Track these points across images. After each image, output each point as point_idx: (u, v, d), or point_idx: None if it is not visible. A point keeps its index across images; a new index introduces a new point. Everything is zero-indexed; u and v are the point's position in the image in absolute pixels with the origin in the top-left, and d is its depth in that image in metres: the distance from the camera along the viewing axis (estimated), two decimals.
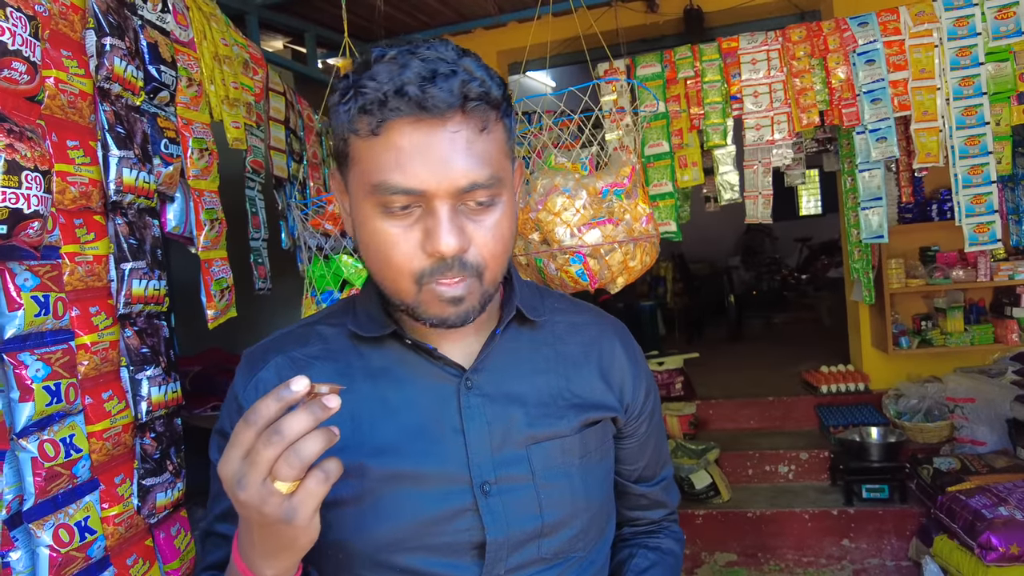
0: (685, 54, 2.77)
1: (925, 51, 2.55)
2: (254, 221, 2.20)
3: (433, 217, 0.66)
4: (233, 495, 0.57)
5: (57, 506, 1.19)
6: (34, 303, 1.16)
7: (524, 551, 0.76)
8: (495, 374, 0.78)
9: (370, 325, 0.78)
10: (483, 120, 0.66)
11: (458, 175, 0.65)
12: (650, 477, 0.94)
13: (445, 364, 0.77)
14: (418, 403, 0.75)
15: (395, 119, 0.64)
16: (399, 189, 0.65)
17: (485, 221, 0.69)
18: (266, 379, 0.77)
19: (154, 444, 1.40)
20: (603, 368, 0.84)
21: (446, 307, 0.69)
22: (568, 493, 0.78)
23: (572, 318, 0.87)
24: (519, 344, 0.81)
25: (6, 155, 0.96)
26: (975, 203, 2.53)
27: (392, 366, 0.77)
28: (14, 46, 0.99)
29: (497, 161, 0.68)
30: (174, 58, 1.63)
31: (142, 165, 1.43)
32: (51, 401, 1.18)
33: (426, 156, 0.64)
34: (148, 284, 1.42)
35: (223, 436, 0.77)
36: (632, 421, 0.87)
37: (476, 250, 0.68)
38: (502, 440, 0.75)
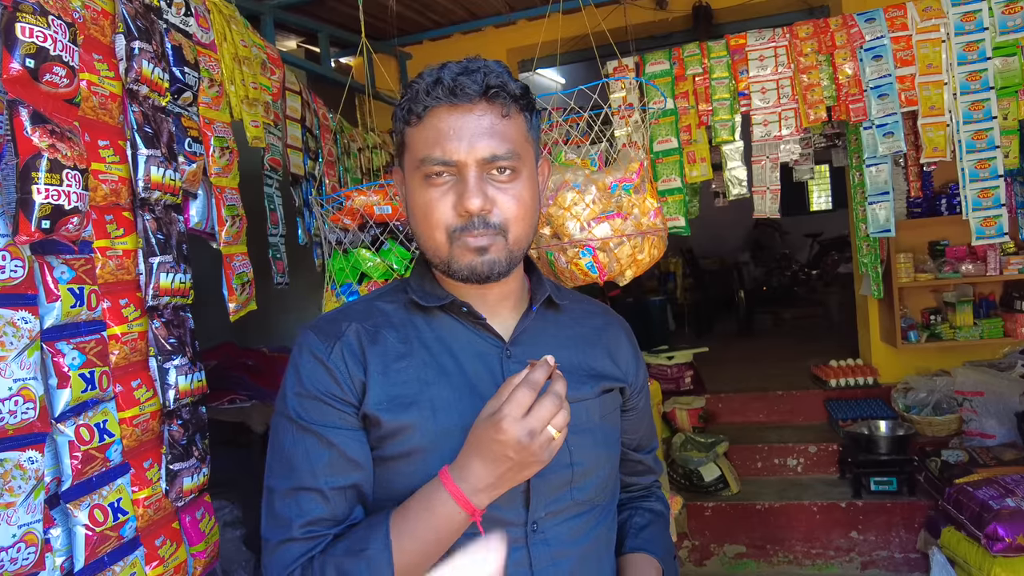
0: (693, 51, 2.80)
1: (932, 46, 2.57)
2: (272, 217, 2.26)
3: (463, 183, 0.84)
4: (516, 445, 0.74)
5: (92, 488, 1.26)
6: (70, 295, 1.22)
7: (560, 496, 0.90)
8: (530, 346, 0.94)
9: (429, 297, 0.93)
10: (504, 108, 0.85)
11: (482, 148, 0.83)
12: (645, 446, 1.13)
13: (489, 335, 0.92)
14: (467, 368, 0.90)
15: (435, 106, 0.84)
16: (438, 160, 0.83)
17: (508, 189, 0.86)
18: (348, 341, 0.89)
19: (181, 431, 1.46)
20: (611, 349, 1.02)
21: (474, 256, 0.85)
22: (591, 446, 0.93)
23: (585, 307, 1.06)
24: (547, 324, 0.98)
25: (49, 155, 1.02)
26: (982, 197, 2.55)
27: (444, 337, 0.92)
28: (55, 52, 1.05)
29: (517, 142, 0.86)
30: (197, 60, 1.69)
31: (168, 163, 1.49)
32: (86, 388, 1.24)
33: (459, 134, 0.83)
34: (175, 277, 1.48)
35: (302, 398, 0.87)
36: (634, 395, 1.05)
37: (499, 211, 0.85)
38: None
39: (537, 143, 0.94)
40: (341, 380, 0.87)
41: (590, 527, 0.93)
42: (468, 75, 0.83)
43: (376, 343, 0.90)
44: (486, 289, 0.92)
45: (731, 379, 4.61)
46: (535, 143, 0.93)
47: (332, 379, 0.87)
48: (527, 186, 0.88)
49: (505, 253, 0.87)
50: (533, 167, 0.91)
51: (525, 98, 0.88)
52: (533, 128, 0.92)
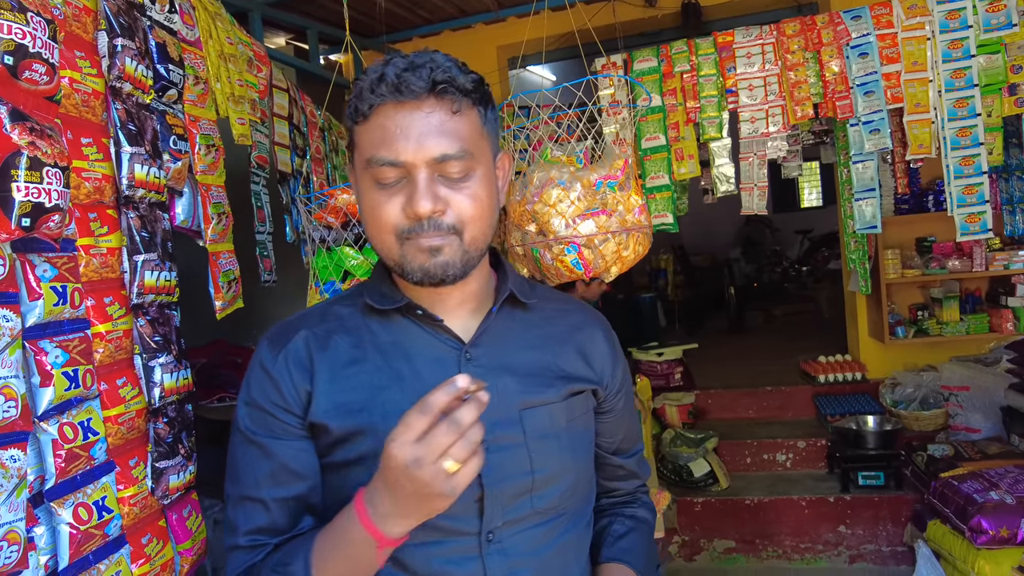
0: (681, 48, 2.81)
1: (917, 44, 2.59)
2: (259, 215, 2.26)
3: (412, 184, 0.79)
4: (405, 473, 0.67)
5: (76, 486, 1.25)
6: (53, 293, 1.21)
7: (518, 504, 0.85)
8: (491, 348, 0.89)
9: (384, 300, 0.89)
10: (454, 103, 0.80)
11: (431, 147, 0.78)
12: (626, 449, 1.06)
13: (448, 337, 0.88)
14: (423, 372, 0.86)
15: (380, 104, 0.79)
16: (385, 161, 0.79)
17: (462, 188, 0.81)
18: (294, 349, 0.87)
19: (167, 428, 1.46)
20: (584, 349, 0.96)
21: (426, 257, 0.81)
22: (556, 452, 0.89)
23: (558, 305, 1.00)
24: (512, 323, 0.93)
25: (29, 152, 1.01)
26: (967, 193, 2.58)
27: (400, 340, 0.88)
28: (34, 48, 1.04)
29: (469, 139, 0.81)
30: (181, 57, 1.68)
31: (152, 161, 1.48)
32: (69, 386, 1.24)
33: (406, 133, 0.78)
34: (160, 275, 1.48)
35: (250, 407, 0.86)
36: (611, 397, 0.99)
37: (452, 212, 0.81)
38: (497, 405, 0.82)
39: (495, 137, 0.90)
40: (285, 390, 0.85)
41: (555, 536, 0.89)
42: (413, 71, 0.79)
43: (326, 349, 0.87)
44: (444, 291, 0.89)
45: (721, 375, 4.63)
46: (492, 137, 0.88)
47: (275, 389, 0.85)
48: (483, 184, 0.83)
49: (460, 254, 0.82)
50: (490, 163, 0.87)
51: (478, 91, 0.83)
52: (488, 122, 0.87)
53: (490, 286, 0.95)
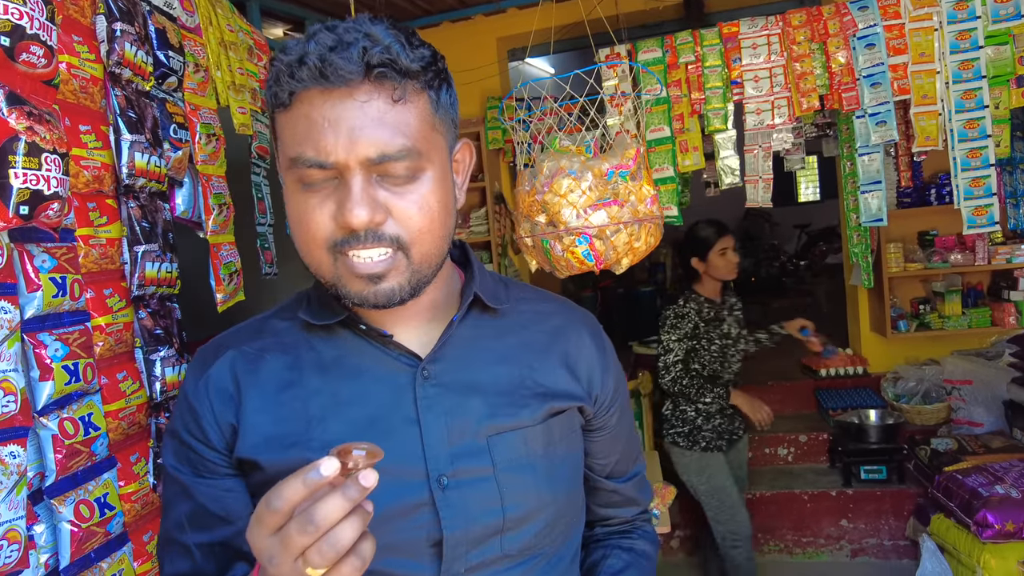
0: (686, 39, 2.78)
1: (925, 35, 2.56)
2: (260, 206, 2.22)
3: (344, 189, 0.64)
4: (264, 569, 0.55)
5: (77, 483, 1.22)
6: (52, 284, 1.18)
7: (485, 547, 0.73)
8: (454, 363, 0.75)
9: (322, 312, 0.75)
10: (396, 90, 0.64)
11: (366, 145, 0.63)
12: (622, 472, 0.91)
13: (400, 353, 0.74)
14: (370, 395, 0.73)
15: (303, 90, 0.64)
16: (312, 162, 0.64)
17: (407, 194, 0.66)
18: (217, 376, 0.75)
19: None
20: (569, 357, 0.82)
21: (364, 284, 0.67)
22: (532, 485, 0.75)
23: (537, 307, 0.85)
24: (480, 332, 0.79)
25: (26, 137, 0.98)
26: (973, 186, 2.56)
27: (344, 357, 0.75)
28: (32, 30, 1.01)
29: (416, 133, 0.66)
30: (181, 44, 1.64)
31: (153, 149, 1.45)
32: (70, 380, 1.20)
33: (335, 127, 0.63)
34: (160, 267, 1.45)
35: (174, 438, 0.76)
36: (602, 413, 0.85)
37: (395, 223, 0.66)
38: (461, 431, 0.73)
39: (450, 126, 0.73)
40: (205, 424, 0.73)
41: None
42: (342, 50, 0.62)
43: (257, 371, 0.74)
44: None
45: None
46: (447, 127, 0.72)
47: (195, 422, 0.73)
48: (434, 187, 0.68)
49: (408, 275, 0.68)
50: (444, 160, 0.71)
51: (428, 71, 0.67)
52: (442, 108, 0.70)
53: (453, 289, 0.81)
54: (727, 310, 2.84)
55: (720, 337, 2.76)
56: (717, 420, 2.76)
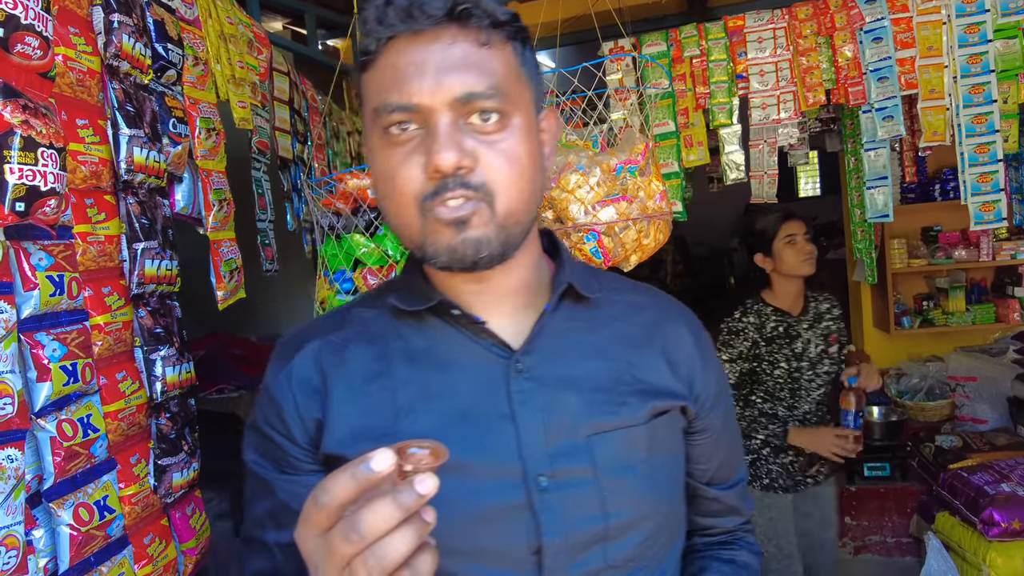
0: (691, 33, 2.74)
1: (933, 28, 2.53)
2: (260, 202, 2.19)
3: (431, 135, 0.63)
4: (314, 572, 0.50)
5: (76, 485, 1.19)
6: (49, 283, 1.15)
7: (588, 556, 0.68)
8: (548, 355, 0.72)
9: (414, 298, 0.73)
10: (481, 33, 0.64)
11: (453, 85, 0.62)
12: (724, 479, 0.85)
13: (493, 343, 0.71)
14: (462, 387, 0.70)
15: (391, 39, 0.64)
16: (395, 106, 0.63)
17: (495, 143, 0.64)
18: (300, 367, 0.72)
19: (169, 424, 1.40)
20: (668, 352, 0.77)
21: (452, 233, 0.64)
22: (635, 491, 0.71)
23: (631, 297, 0.81)
24: (573, 324, 0.75)
25: (22, 131, 0.95)
26: (981, 182, 2.53)
27: (434, 347, 0.72)
28: (27, 20, 0.97)
29: (503, 77, 0.65)
30: (180, 36, 1.61)
31: (152, 144, 1.41)
32: (68, 381, 1.18)
33: (421, 70, 0.63)
34: (160, 264, 1.42)
35: (256, 432, 0.74)
36: (704, 413, 0.79)
37: (483, 171, 0.64)
38: (559, 429, 0.69)
39: (537, 87, 0.72)
40: (288, 419, 0.71)
41: None
42: None
43: (343, 363, 0.72)
44: (484, 282, 0.71)
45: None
46: (533, 85, 0.70)
47: (278, 416, 0.71)
48: (522, 138, 0.66)
49: (494, 227, 0.64)
50: (531, 116, 0.69)
51: (514, 23, 0.67)
52: (527, 64, 0.70)
53: (543, 277, 0.77)
54: (809, 322, 2.32)
55: (790, 359, 2.23)
56: (789, 457, 2.24)
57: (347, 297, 1.49)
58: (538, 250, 0.78)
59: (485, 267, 0.67)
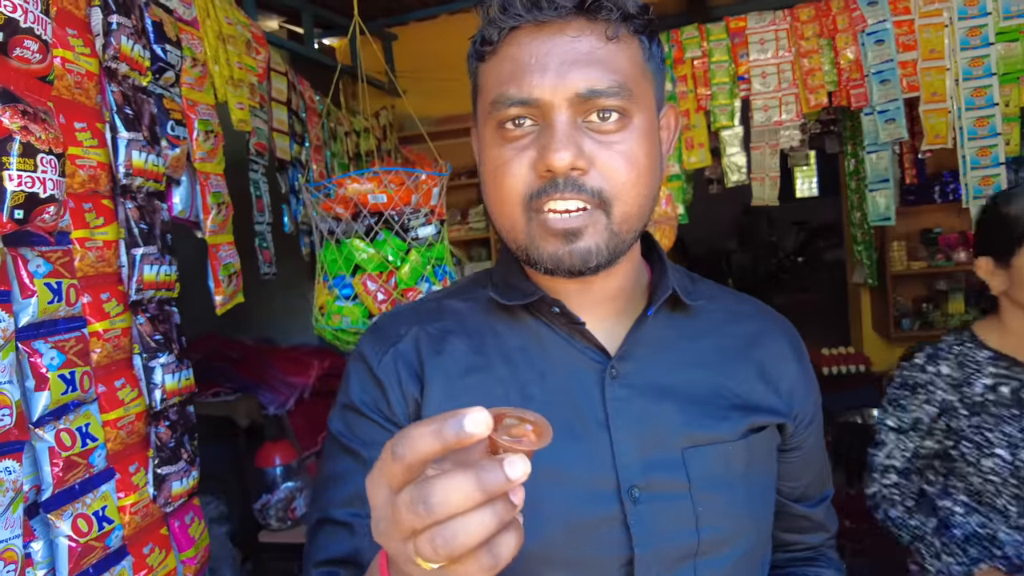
0: (692, 34, 2.73)
1: (935, 31, 2.52)
2: (258, 205, 2.16)
3: (548, 130, 0.60)
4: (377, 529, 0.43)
5: (74, 496, 1.17)
6: (47, 290, 1.13)
7: (679, 572, 0.65)
8: (645, 363, 0.69)
9: (512, 292, 0.70)
10: (609, 27, 0.61)
11: (576, 80, 0.59)
12: (813, 496, 0.82)
13: (588, 346, 0.69)
14: (557, 391, 0.67)
15: (513, 30, 0.62)
16: (513, 100, 0.61)
17: (614, 144, 0.61)
18: (405, 350, 0.70)
19: (168, 432, 1.38)
20: (766, 367, 0.74)
21: (559, 242, 0.61)
22: (730, 507, 0.68)
23: (731, 307, 0.78)
24: (672, 332, 0.72)
25: (21, 137, 0.92)
26: (983, 185, 2.52)
27: (529, 347, 0.70)
28: (26, 23, 0.95)
29: (628, 74, 0.62)
30: (179, 37, 1.59)
31: (151, 148, 1.39)
32: (66, 390, 1.15)
33: (543, 64, 0.60)
34: (159, 269, 1.39)
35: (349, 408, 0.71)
36: (800, 431, 0.76)
37: (599, 173, 0.61)
38: (654, 440, 0.66)
39: (660, 82, 0.68)
40: (392, 396, 0.69)
41: None
42: None
43: (441, 353, 0.70)
44: (585, 284, 0.68)
45: None
46: (657, 81, 0.67)
47: (380, 393, 0.70)
48: (642, 140, 0.62)
49: (606, 236, 0.62)
50: (652, 114, 0.65)
51: (643, 16, 0.63)
52: (653, 59, 0.66)
53: (641, 281, 0.75)
54: None
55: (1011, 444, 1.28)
56: None
57: (346, 303, 1.47)
58: (638, 254, 0.75)
59: (591, 274, 0.65)
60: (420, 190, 1.35)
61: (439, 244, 1.38)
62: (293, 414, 2.96)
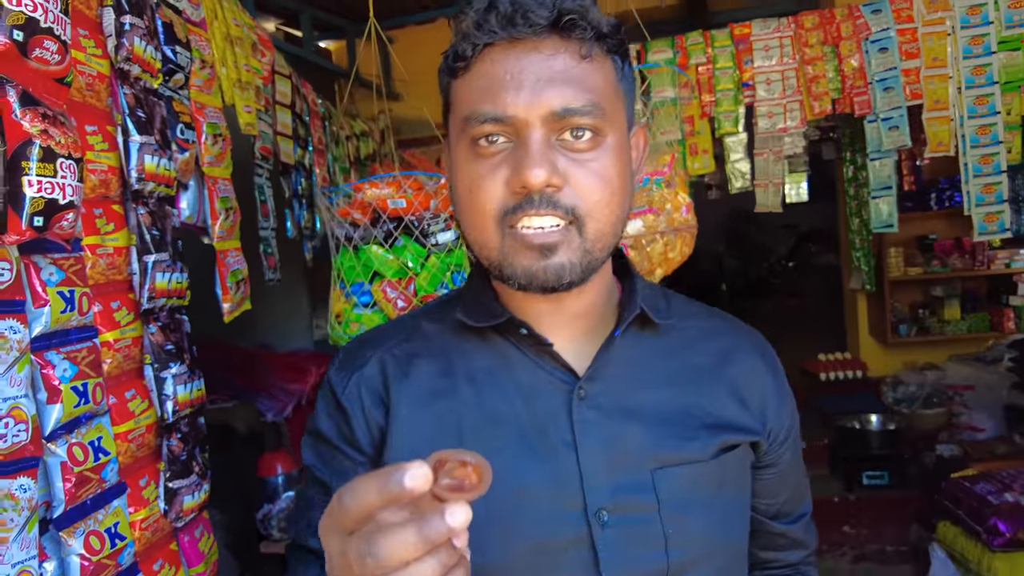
0: (697, 40, 2.73)
1: (938, 39, 2.54)
2: (263, 209, 2.12)
3: (522, 148, 0.60)
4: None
5: (86, 512, 1.13)
6: (60, 299, 1.09)
7: None
8: (613, 384, 0.69)
9: (481, 314, 0.70)
10: (584, 45, 0.62)
11: (550, 98, 0.59)
12: (790, 513, 0.81)
13: (556, 367, 0.68)
14: (526, 412, 0.67)
15: (487, 46, 0.61)
16: (487, 116, 0.60)
17: (587, 162, 0.61)
18: (369, 376, 0.71)
19: (180, 445, 1.34)
20: (740, 384, 0.73)
21: (535, 257, 0.61)
22: (700, 529, 0.67)
23: (703, 323, 0.77)
24: (641, 351, 0.71)
25: (41, 141, 0.89)
26: (985, 192, 2.54)
27: (497, 368, 0.69)
28: (46, 23, 0.92)
29: (602, 93, 0.62)
30: (188, 38, 1.55)
31: (162, 152, 1.35)
32: (79, 402, 1.11)
33: (518, 81, 0.60)
34: (171, 277, 1.35)
35: (316, 436, 0.72)
36: (775, 447, 0.75)
37: (573, 191, 0.61)
38: (622, 462, 0.66)
39: (631, 102, 0.69)
40: (355, 424, 0.70)
41: None
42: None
43: (407, 376, 0.70)
44: (556, 302, 0.68)
45: None
46: (627, 101, 0.67)
47: (345, 420, 0.70)
48: (615, 158, 0.63)
49: (580, 253, 0.62)
50: (624, 133, 0.66)
51: (616, 36, 0.64)
52: (625, 79, 0.67)
53: (612, 299, 0.74)
54: None
55: None
56: None
57: (365, 311, 1.44)
58: (610, 272, 0.75)
59: (563, 291, 0.64)
60: (439, 195, 1.33)
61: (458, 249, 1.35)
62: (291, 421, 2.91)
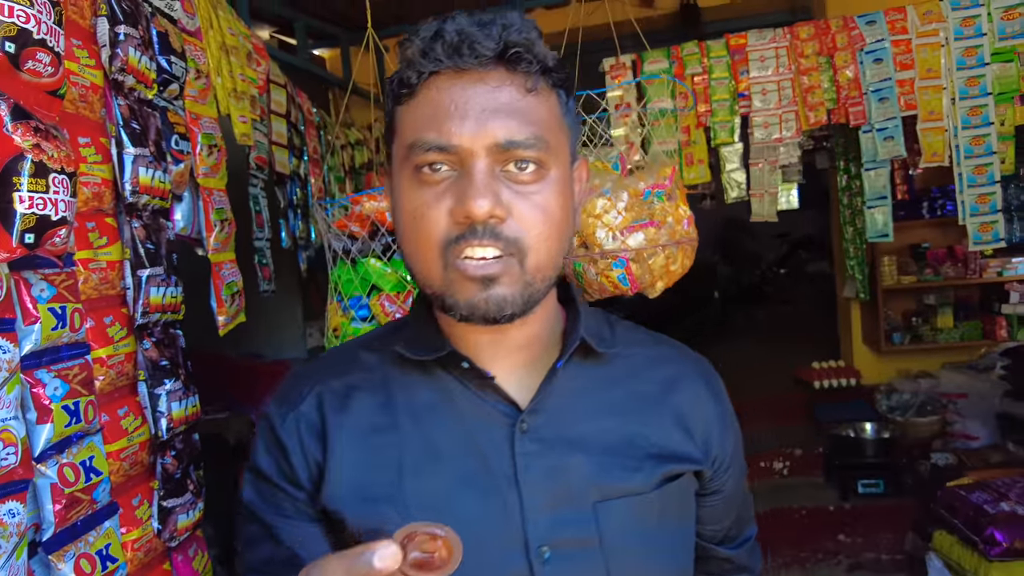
0: (692, 50, 2.73)
1: (932, 51, 2.56)
2: (258, 220, 2.10)
3: (466, 177, 0.60)
4: None
5: (77, 534, 1.10)
6: (51, 315, 1.06)
7: None
8: (555, 416, 0.68)
9: (422, 347, 0.68)
10: (529, 80, 0.62)
11: (495, 129, 0.59)
12: (735, 537, 0.81)
13: (499, 400, 0.67)
14: (467, 446, 0.66)
15: (433, 74, 0.61)
16: (431, 145, 0.60)
17: (531, 195, 0.61)
18: (306, 412, 0.69)
19: (175, 463, 1.31)
20: (684, 413, 0.72)
21: (476, 289, 0.60)
22: (644, 560, 0.67)
23: (648, 351, 0.76)
24: (585, 382, 0.70)
25: (33, 156, 0.86)
26: (979, 202, 2.56)
27: (439, 403, 0.68)
28: (39, 35, 0.89)
29: (546, 126, 0.62)
30: (183, 48, 1.53)
31: (157, 164, 1.33)
32: (70, 421, 1.08)
33: (463, 111, 0.60)
34: (166, 291, 1.33)
35: (256, 474, 0.70)
36: (720, 475, 0.75)
37: (516, 223, 0.61)
38: (564, 495, 0.65)
39: (575, 136, 0.69)
40: (294, 459, 0.68)
41: None
42: (481, 28, 0.60)
43: (345, 410, 0.68)
44: (497, 333, 0.67)
45: None
46: (571, 134, 0.68)
47: (283, 456, 0.68)
48: (558, 192, 0.63)
49: (520, 286, 0.61)
50: (567, 164, 0.66)
51: (561, 70, 0.64)
52: (569, 112, 0.67)
53: (556, 329, 0.73)
54: None
55: None
56: None
57: (363, 325, 1.42)
58: (554, 301, 0.74)
59: (506, 322, 0.63)
60: None
61: None
62: None
